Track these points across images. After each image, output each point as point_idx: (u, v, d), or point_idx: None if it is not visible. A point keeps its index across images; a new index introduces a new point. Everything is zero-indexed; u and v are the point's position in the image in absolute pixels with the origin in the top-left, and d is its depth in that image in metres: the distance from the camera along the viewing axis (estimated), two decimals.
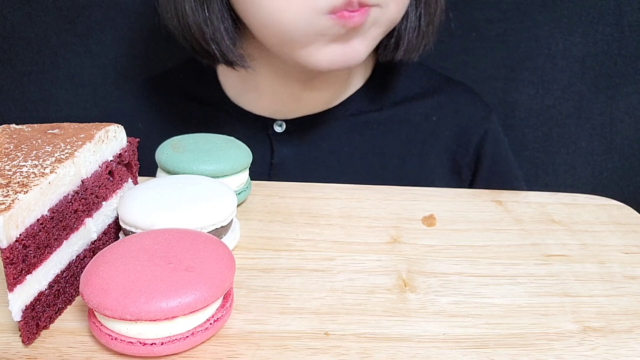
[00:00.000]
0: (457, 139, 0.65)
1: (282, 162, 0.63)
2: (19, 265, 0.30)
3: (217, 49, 0.59)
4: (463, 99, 0.67)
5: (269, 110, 0.65)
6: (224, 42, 0.59)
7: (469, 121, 0.66)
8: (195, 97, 0.68)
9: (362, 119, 0.65)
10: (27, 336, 0.31)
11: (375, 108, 0.66)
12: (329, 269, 0.38)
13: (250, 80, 0.66)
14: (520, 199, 0.47)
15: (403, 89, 0.67)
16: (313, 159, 0.64)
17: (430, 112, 0.66)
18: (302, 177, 0.51)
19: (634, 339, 0.33)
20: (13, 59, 0.86)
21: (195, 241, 0.33)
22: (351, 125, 0.65)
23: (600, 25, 0.81)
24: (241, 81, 0.67)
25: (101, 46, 0.86)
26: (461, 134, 0.65)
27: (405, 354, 0.31)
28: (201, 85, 0.68)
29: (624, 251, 0.40)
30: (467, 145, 0.65)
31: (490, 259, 0.39)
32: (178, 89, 0.69)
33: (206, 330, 0.31)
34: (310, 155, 0.64)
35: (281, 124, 0.64)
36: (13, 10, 0.84)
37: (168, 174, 0.43)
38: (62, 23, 0.84)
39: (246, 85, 0.66)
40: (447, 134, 0.65)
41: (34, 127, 0.38)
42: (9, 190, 0.30)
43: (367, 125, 0.65)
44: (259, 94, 0.65)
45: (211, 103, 0.67)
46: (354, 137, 0.65)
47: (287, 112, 0.65)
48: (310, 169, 0.64)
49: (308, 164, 0.64)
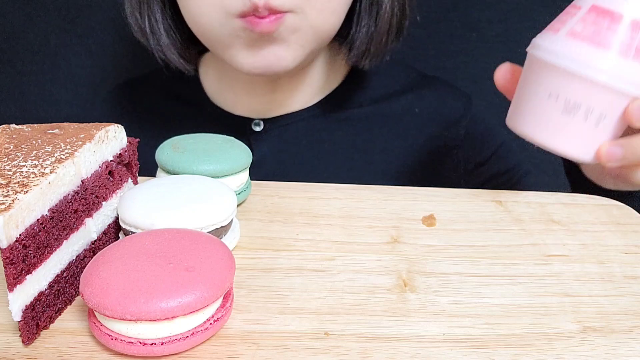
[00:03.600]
0: (444, 128, 0.65)
1: (261, 161, 0.63)
2: (19, 265, 0.30)
3: (161, 57, 0.61)
4: (443, 89, 0.68)
5: (247, 109, 0.66)
6: (169, 51, 0.61)
7: (452, 109, 0.67)
8: (177, 97, 0.69)
9: (343, 116, 0.66)
10: (27, 336, 0.31)
11: (355, 105, 0.66)
12: (329, 269, 0.38)
13: (226, 80, 0.66)
14: (520, 199, 0.47)
15: (383, 87, 0.68)
16: (293, 157, 0.64)
17: (413, 105, 0.67)
18: (282, 176, 0.51)
19: (634, 339, 0.33)
20: (13, 59, 0.86)
21: (195, 241, 0.33)
22: (331, 122, 0.65)
23: None
24: (218, 82, 0.67)
25: (101, 46, 0.86)
26: (448, 123, 0.66)
27: (405, 354, 0.31)
28: (184, 85, 0.68)
29: (624, 251, 0.40)
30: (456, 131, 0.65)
31: (490, 259, 0.39)
32: (162, 89, 0.70)
33: (206, 330, 0.31)
34: (290, 153, 0.64)
35: (259, 123, 0.65)
36: (13, 10, 0.84)
37: (168, 174, 0.43)
38: (62, 23, 0.85)
39: (223, 85, 0.67)
40: (432, 123, 0.65)
41: (34, 127, 0.38)
42: (9, 190, 0.30)
43: (348, 121, 0.66)
44: (235, 94, 0.66)
45: (192, 103, 0.68)
46: (335, 134, 0.65)
47: (265, 112, 0.66)
48: (291, 167, 0.64)
49: (288, 162, 0.64)
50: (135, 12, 0.60)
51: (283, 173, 0.62)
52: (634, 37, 0.42)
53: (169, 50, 0.61)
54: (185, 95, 0.68)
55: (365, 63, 0.62)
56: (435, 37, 0.83)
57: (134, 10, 0.60)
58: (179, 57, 0.62)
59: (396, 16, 0.59)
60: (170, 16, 0.61)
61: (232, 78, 0.65)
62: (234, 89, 0.66)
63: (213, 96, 0.67)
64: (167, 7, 0.60)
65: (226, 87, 0.67)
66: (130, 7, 0.60)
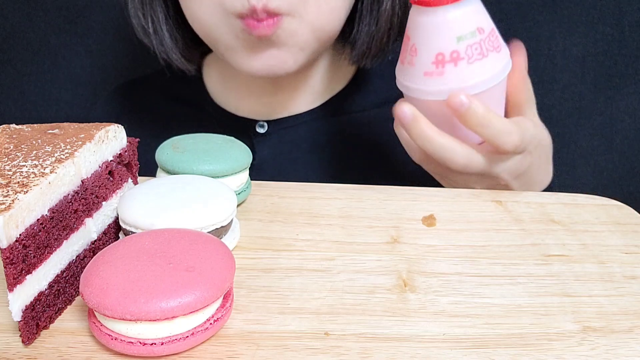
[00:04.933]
0: None
1: (262, 163, 0.63)
2: (19, 265, 0.30)
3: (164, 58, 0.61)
4: None
5: (251, 111, 0.66)
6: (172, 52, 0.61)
7: None
8: (180, 98, 0.69)
9: (345, 119, 0.66)
10: (27, 336, 0.31)
11: (359, 109, 0.66)
12: (329, 269, 0.38)
13: (231, 82, 0.66)
14: (520, 199, 0.47)
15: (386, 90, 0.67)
16: (295, 159, 0.64)
17: None
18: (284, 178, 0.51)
19: (634, 339, 0.33)
20: (13, 59, 0.86)
21: (195, 241, 0.33)
22: (334, 125, 0.65)
23: (600, 25, 0.81)
24: (222, 83, 0.67)
25: (101, 46, 0.86)
26: None
27: (405, 354, 0.31)
28: (186, 86, 0.68)
29: (624, 251, 0.40)
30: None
31: (490, 259, 0.39)
32: (164, 90, 0.70)
33: (206, 330, 0.31)
34: (292, 155, 0.64)
35: (263, 124, 0.65)
36: (13, 10, 0.84)
37: (168, 174, 0.43)
38: (62, 23, 0.85)
39: (226, 86, 0.67)
40: None
41: (34, 127, 0.38)
42: (9, 190, 0.30)
43: (351, 125, 0.65)
44: (239, 96, 0.66)
45: (195, 104, 0.68)
46: (337, 137, 0.65)
47: (268, 113, 0.65)
48: (292, 170, 0.64)
49: (289, 164, 0.64)
50: (138, 12, 0.60)
51: (284, 175, 0.62)
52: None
53: (172, 50, 0.61)
54: (187, 96, 0.68)
55: (366, 62, 0.62)
56: None
57: (136, 11, 0.60)
58: (181, 58, 0.62)
59: (397, 15, 0.59)
60: (173, 17, 0.61)
61: (235, 79, 0.65)
62: (237, 90, 0.66)
63: (216, 97, 0.67)
64: (169, 8, 0.60)
65: (229, 88, 0.66)
66: (133, 8, 0.60)
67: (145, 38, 0.61)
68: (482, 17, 0.46)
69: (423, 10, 0.45)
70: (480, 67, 0.45)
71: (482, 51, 0.45)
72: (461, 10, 0.44)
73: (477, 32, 0.45)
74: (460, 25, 0.44)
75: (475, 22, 0.45)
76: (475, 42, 0.45)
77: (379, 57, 0.62)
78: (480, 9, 0.46)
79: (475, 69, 0.45)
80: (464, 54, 0.44)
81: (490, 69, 0.45)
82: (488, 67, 0.45)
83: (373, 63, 0.62)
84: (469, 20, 0.45)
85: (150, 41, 0.61)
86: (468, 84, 0.45)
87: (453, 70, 0.45)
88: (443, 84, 0.45)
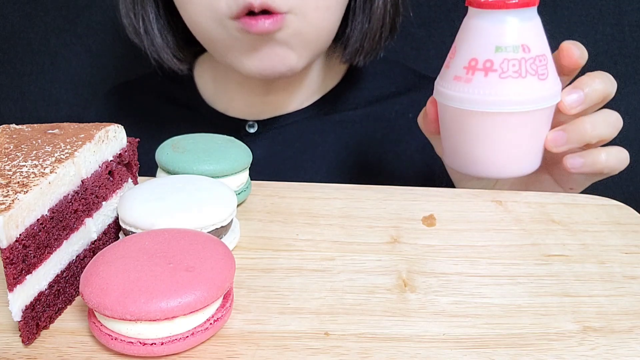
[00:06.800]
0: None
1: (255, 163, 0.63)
2: (19, 265, 0.30)
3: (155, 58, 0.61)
4: None
5: (241, 111, 0.66)
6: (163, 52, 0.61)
7: None
8: (171, 99, 0.69)
9: (337, 118, 0.65)
10: (27, 336, 0.31)
11: (350, 107, 0.66)
12: (329, 269, 0.38)
13: (221, 82, 0.66)
14: (520, 199, 0.47)
15: (378, 88, 0.67)
16: (286, 159, 0.64)
17: (406, 110, 0.66)
18: (276, 177, 0.51)
19: (634, 339, 0.33)
20: (13, 59, 0.86)
21: (195, 241, 0.33)
22: (325, 124, 0.65)
23: (600, 25, 0.81)
24: (213, 83, 0.67)
25: (101, 46, 0.86)
26: None
27: (405, 354, 0.31)
28: (178, 87, 0.68)
29: (624, 251, 0.40)
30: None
31: (490, 259, 0.39)
32: (157, 91, 0.70)
33: (206, 330, 0.31)
34: (284, 155, 0.64)
35: (253, 124, 0.65)
36: (13, 11, 0.84)
37: (168, 174, 0.43)
38: (62, 23, 0.85)
39: (218, 87, 0.67)
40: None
41: (34, 127, 0.38)
42: (9, 190, 0.30)
43: (342, 124, 0.65)
44: (230, 96, 0.66)
45: (186, 105, 0.68)
46: (329, 136, 0.65)
47: (259, 113, 0.65)
48: (284, 169, 0.64)
49: (281, 164, 0.64)
50: (129, 12, 0.60)
51: (276, 175, 0.62)
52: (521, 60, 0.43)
53: (163, 50, 0.61)
54: (179, 97, 0.68)
55: (359, 60, 0.62)
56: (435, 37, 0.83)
57: (128, 11, 0.60)
58: (173, 58, 0.62)
59: (389, 13, 0.59)
60: (164, 16, 0.61)
61: (226, 79, 0.65)
62: (228, 91, 0.66)
63: (208, 98, 0.67)
64: (160, 8, 0.60)
65: (221, 88, 0.66)
66: (125, 8, 0.60)
67: (136, 38, 0.61)
68: (533, 37, 0.43)
69: (473, 12, 0.43)
70: (512, 86, 0.42)
71: (519, 70, 0.42)
72: (508, 21, 0.42)
73: (520, 48, 0.42)
74: (502, 34, 0.42)
75: (521, 38, 0.42)
76: (515, 58, 0.42)
77: (371, 54, 0.62)
78: (536, 29, 0.43)
79: (505, 86, 0.42)
80: (498, 67, 0.42)
81: (522, 92, 0.42)
82: (520, 90, 0.42)
83: (365, 61, 0.62)
84: (514, 33, 0.42)
85: (141, 41, 0.61)
86: (490, 99, 0.42)
87: (482, 80, 0.42)
88: (467, 92, 0.43)
